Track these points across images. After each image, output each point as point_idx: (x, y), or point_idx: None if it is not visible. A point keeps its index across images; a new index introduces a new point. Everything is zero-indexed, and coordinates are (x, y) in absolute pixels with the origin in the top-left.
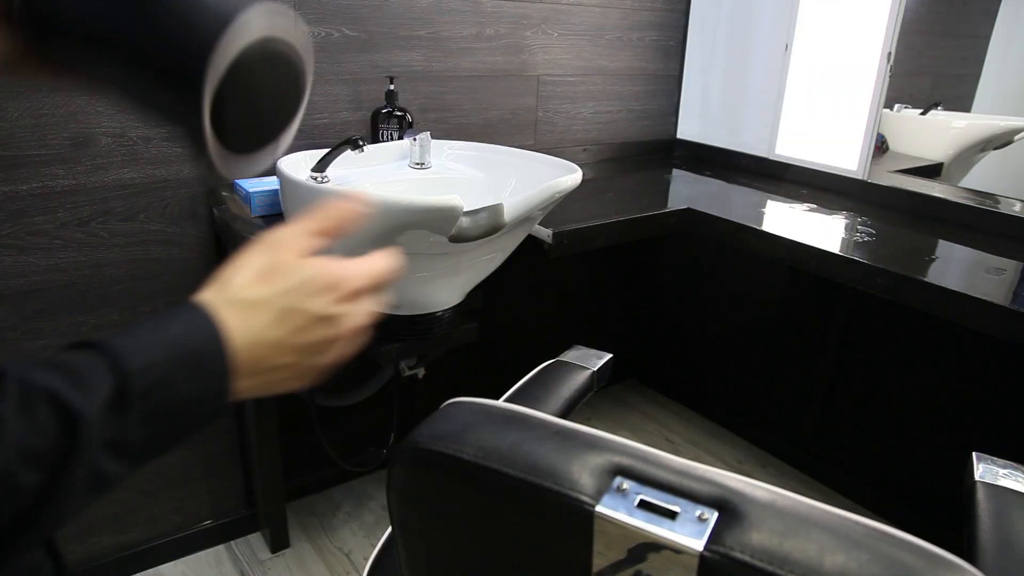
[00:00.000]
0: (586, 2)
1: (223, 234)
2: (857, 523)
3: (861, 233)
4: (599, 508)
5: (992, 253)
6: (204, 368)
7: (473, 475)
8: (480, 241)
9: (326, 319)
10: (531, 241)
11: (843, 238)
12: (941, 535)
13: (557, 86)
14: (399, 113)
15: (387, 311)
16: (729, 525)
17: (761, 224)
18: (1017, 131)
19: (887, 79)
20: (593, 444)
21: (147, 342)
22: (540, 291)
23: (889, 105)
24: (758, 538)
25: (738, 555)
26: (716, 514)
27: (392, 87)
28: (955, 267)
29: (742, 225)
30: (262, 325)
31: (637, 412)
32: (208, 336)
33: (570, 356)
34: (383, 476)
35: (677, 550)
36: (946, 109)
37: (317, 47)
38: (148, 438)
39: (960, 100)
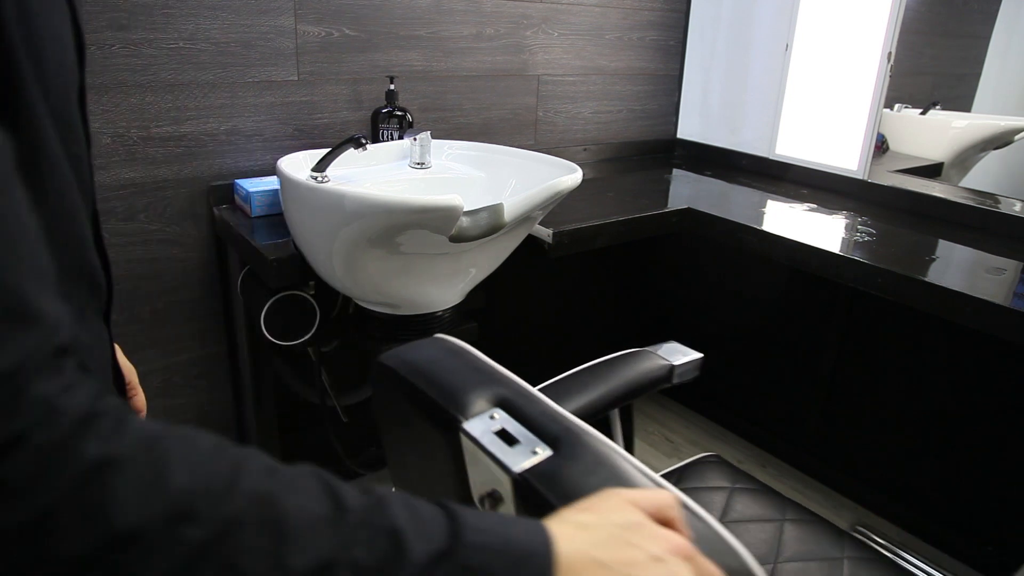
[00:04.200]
0: (586, 2)
1: (223, 234)
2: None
3: (861, 233)
4: (464, 425)
5: (992, 253)
6: (527, 567)
7: (397, 383)
8: (480, 241)
9: (657, 560)
10: (531, 241)
11: (843, 238)
12: (942, 535)
13: (557, 86)
14: (399, 113)
15: (387, 311)
16: (554, 460)
17: (761, 224)
18: (1017, 131)
19: (887, 79)
20: (495, 379)
21: (488, 529)
22: (540, 291)
23: (889, 105)
24: (565, 473)
25: (535, 483)
26: (550, 452)
27: (392, 87)
28: (955, 267)
29: (742, 225)
30: (590, 541)
31: (637, 412)
32: (539, 541)
33: (659, 347)
34: (383, 476)
35: (504, 471)
36: (946, 109)
37: (317, 47)
38: None
39: (960, 100)
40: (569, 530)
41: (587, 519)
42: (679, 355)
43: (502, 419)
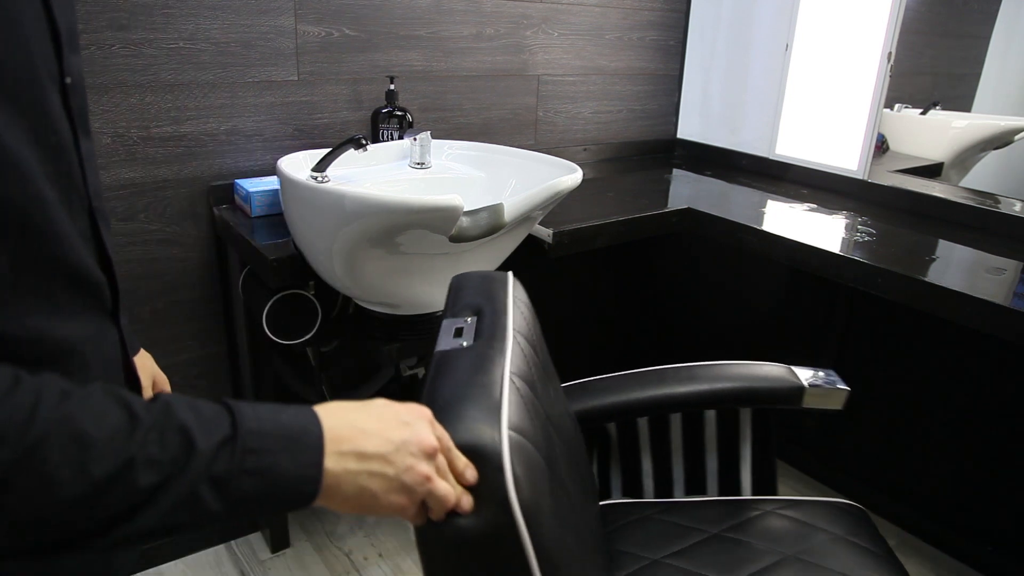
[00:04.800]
0: (586, 2)
1: (223, 234)
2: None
3: (861, 233)
4: (443, 319)
5: (992, 253)
6: (299, 444)
7: (448, 291)
8: (480, 241)
9: (405, 423)
10: (531, 241)
11: (843, 238)
12: (942, 535)
13: (557, 86)
14: (399, 113)
15: (387, 311)
16: (460, 349)
17: (761, 224)
18: (1017, 131)
19: (887, 79)
20: (491, 300)
21: (262, 416)
22: (540, 291)
23: (889, 105)
24: (451, 356)
25: (437, 359)
26: (474, 345)
27: (392, 87)
28: (955, 267)
29: (742, 225)
30: (353, 416)
31: None
32: (308, 419)
33: (803, 368)
34: None
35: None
36: (946, 109)
37: (317, 47)
38: (243, 492)
39: (960, 100)
40: (334, 409)
41: (351, 405)
42: (818, 378)
43: (468, 322)
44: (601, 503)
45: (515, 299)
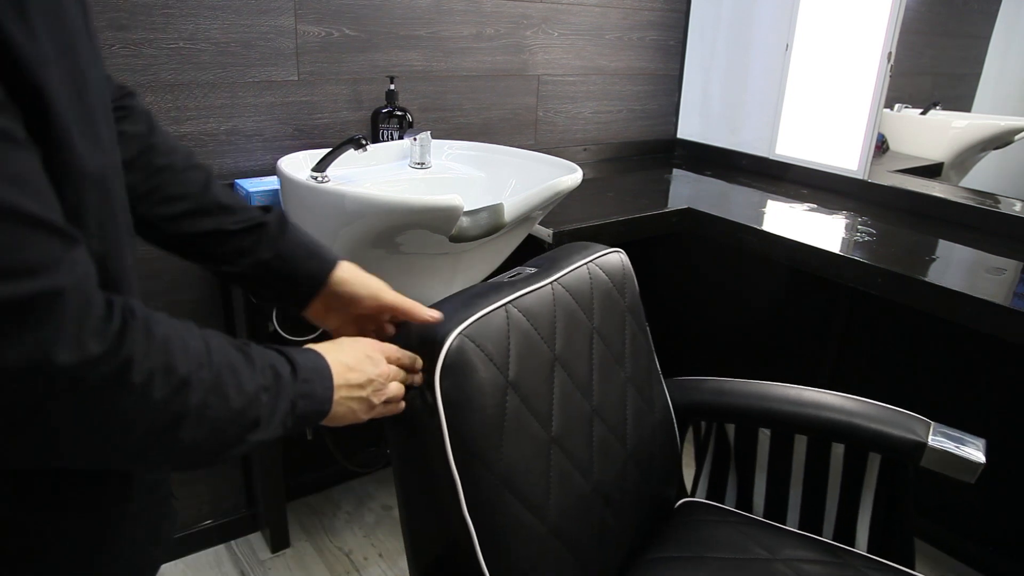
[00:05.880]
0: (586, 2)
1: None
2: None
3: (861, 233)
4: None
5: (992, 253)
6: (323, 374)
7: None
8: (480, 241)
9: (370, 357)
10: (531, 241)
11: (843, 238)
12: (942, 535)
13: (557, 86)
14: (399, 113)
15: None
16: (507, 281)
17: (761, 224)
18: (1017, 131)
19: (887, 79)
20: (557, 258)
21: (302, 353)
22: None
23: (889, 105)
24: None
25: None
26: (507, 281)
27: (392, 87)
28: (955, 267)
29: (742, 225)
30: (332, 352)
31: None
32: (320, 358)
33: (939, 425)
34: (383, 476)
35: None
36: (946, 109)
37: (317, 47)
38: (302, 409)
39: (960, 100)
40: (324, 349)
41: (329, 345)
42: (947, 441)
43: (529, 271)
44: (689, 499)
45: (596, 266)
